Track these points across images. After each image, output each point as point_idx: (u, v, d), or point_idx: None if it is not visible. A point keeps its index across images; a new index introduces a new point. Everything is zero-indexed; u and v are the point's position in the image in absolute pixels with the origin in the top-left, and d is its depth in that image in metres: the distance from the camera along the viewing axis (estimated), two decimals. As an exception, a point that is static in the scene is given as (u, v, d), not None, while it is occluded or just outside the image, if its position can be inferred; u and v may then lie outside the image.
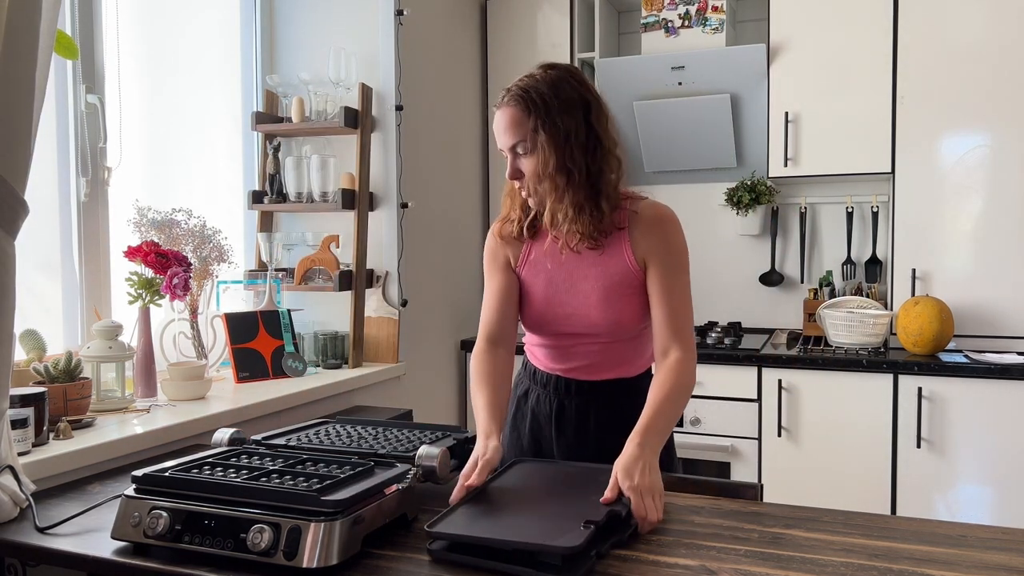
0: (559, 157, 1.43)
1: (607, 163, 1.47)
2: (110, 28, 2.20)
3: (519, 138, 1.44)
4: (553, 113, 1.42)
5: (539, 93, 1.43)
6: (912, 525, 1.24)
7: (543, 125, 1.42)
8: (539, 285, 1.57)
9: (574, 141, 1.43)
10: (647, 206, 1.53)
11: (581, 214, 1.46)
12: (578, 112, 1.45)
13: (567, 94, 1.45)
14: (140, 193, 2.27)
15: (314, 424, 1.62)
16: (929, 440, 2.63)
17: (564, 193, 1.45)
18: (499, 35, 3.40)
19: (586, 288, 1.52)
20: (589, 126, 1.46)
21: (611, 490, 1.24)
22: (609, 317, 1.52)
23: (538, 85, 1.45)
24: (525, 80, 1.47)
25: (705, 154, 3.32)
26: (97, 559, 1.17)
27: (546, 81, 1.45)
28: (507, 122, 1.45)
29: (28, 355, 1.84)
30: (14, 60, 1.29)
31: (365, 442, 1.44)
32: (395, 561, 1.12)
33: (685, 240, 1.53)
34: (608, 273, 1.51)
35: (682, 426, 2.90)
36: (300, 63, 2.81)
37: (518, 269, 1.60)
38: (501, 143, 1.48)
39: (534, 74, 1.48)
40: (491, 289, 1.61)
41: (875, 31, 2.87)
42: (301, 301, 2.75)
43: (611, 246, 1.51)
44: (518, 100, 1.44)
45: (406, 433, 1.53)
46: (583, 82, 1.48)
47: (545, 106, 1.42)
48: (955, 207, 2.80)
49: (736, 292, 3.46)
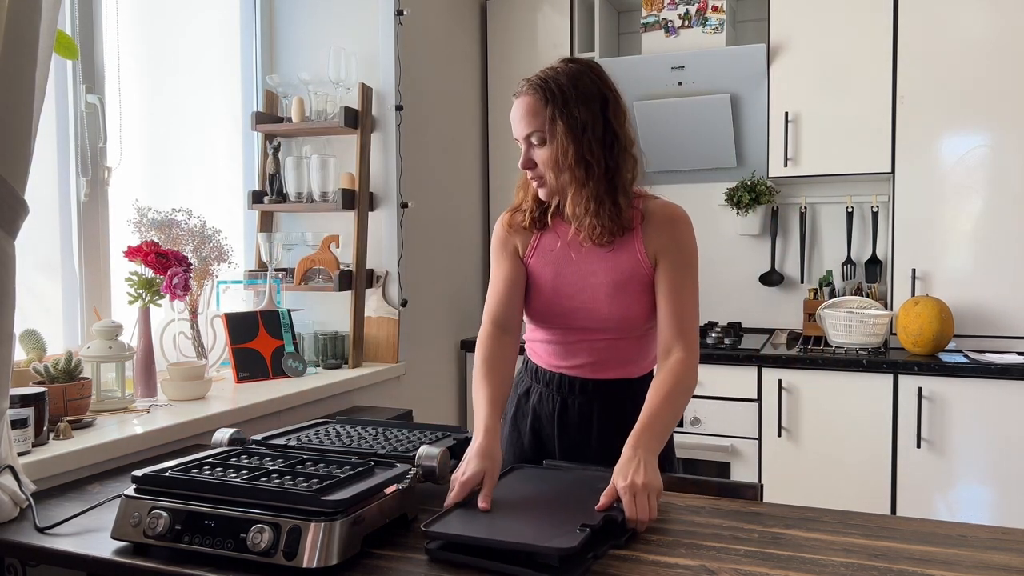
0: (577, 148, 1.43)
1: (624, 160, 1.48)
2: (110, 28, 2.20)
3: (535, 127, 1.45)
4: (571, 104, 1.43)
5: (558, 84, 1.44)
6: (912, 525, 1.24)
7: (561, 115, 1.42)
8: (547, 276, 1.56)
9: (591, 134, 1.43)
10: (660, 205, 1.53)
11: (601, 207, 1.46)
12: (595, 105, 1.45)
13: (586, 87, 1.45)
14: (140, 193, 2.26)
15: (314, 424, 1.62)
16: (929, 440, 2.63)
17: (583, 185, 1.45)
18: (499, 35, 3.40)
19: (595, 282, 1.52)
20: (607, 121, 1.46)
21: (606, 495, 1.24)
22: (617, 312, 1.51)
23: (558, 76, 1.45)
24: (545, 71, 1.47)
25: (705, 154, 3.32)
26: (97, 559, 1.17)
27: (566, 73, 1.46)
28: (524, 110, 1.45)
29: (28, 355, 1.84)
30: (14, 60, 1.29)
31: (365, 442, 1.44)
32: (395, 561, 1.12)
33: (696, 241, 1.53)
34: (619, 268, 1.51)
35: (682, 426, 2.90)
36: (300, 63, 2.81)
37: (526, 258, 1.59)
38: (517, 131, 1.48)
39: (555, 66, 1.48)
40: (498, 276, 1.60)
41: (875, 31, 2.87)
42: (301, 301, 2.75)
43: (622, 242, 1.50)
44: (537, 89, 1.44)
45: (406, 433, 1.53)
46: (603, 77, 1.49)
47: (563, 96, 1.43)
48: (955, 207, 2.80)
49: (736, 292, 3.46)
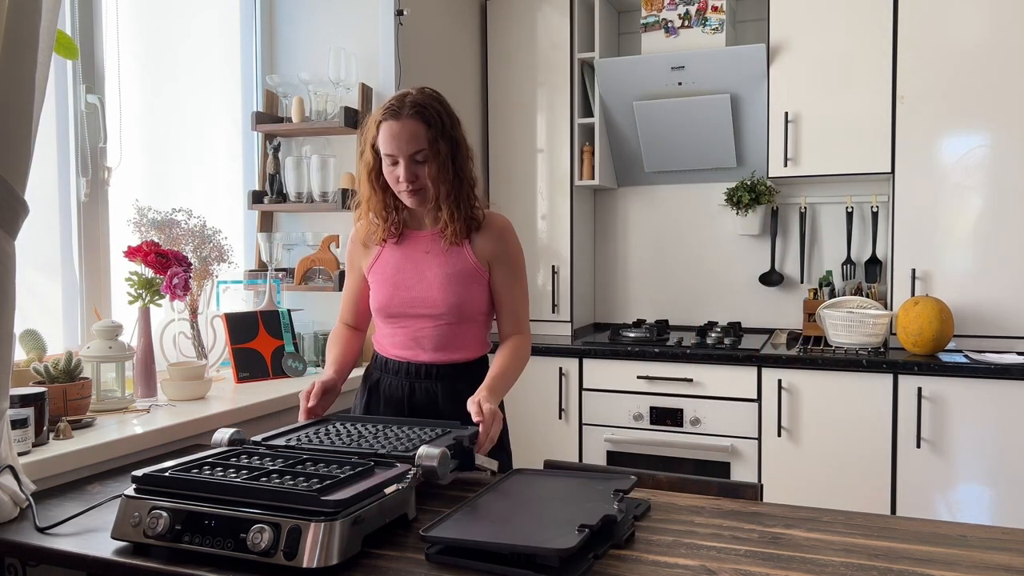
0: (455, 165, 1.69)
1: (475, 173, 1.77)
2: (110, 28, 2.20)
3: (420, 147, 1.65)
4: (447, 127, 1.68)
5: (435, 109, 1.67)
6: (912, 525, 1.24)
7: (442, 136, 1.66)
8: (387, 274, 1.80)
9: (463, 152, 1.72)
10: (490, 215, 1.80)
11: (464, 212, 1.73)
12: (459, 127, 1.73)
13: (451, 112, 1.72)
14: (140, 193, 2.27)
15: (314, 424, 1.62)
16: (929, 440, 2.63)
17: (456, 195, 1.71)
18: (499, 35, 3.40)
19: (430, 275, 1.76)
20: (465, 140, 1.74)
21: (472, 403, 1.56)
22: (450, 299, 1.74)
23: (430, 102, 1.68)
24: (413, 96, 1.67)
25: (705, 154, 3.32)
26: (97, 559, 1.17)
27: (434, 99, 1.69)
28: (410, 133, 1.65)
29: (28, 355, 1.84)
30: (14, 60, 1.29)
31: (365, 442, 1.44)
32: (395, 561, 1.12)
33: (519, 243, 1.82)
34: (450, 263, 1.76)
35: (682, 426, 2.91)
36: (300, 63, 2.81)
37: (368, 273, 1.83)
38: (398, 150, 1.65)
39: (415, 94, 1.68)
40: (348, 287, 1.91)
41: (875, 31, 2.87)
42: (301, 301, 2.75)
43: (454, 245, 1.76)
44: (418, 114, 1.65)
45: (406, 431, 1.53)
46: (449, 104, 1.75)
47: (441, 121, 1.67)
48: (955, 207, 2.80)
49: (736, 292, 3.46)
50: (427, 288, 1.75)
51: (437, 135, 1.65)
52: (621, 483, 1.34)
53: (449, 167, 1.68)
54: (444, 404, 1.78)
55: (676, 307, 3.56)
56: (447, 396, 1.78)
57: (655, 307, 3.60)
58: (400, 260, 1.79)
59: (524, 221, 3.39)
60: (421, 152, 1.65)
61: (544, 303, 3.37)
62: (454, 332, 1.77)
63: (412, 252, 1.78)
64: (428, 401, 1.79)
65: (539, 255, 3.38)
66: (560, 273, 3.35)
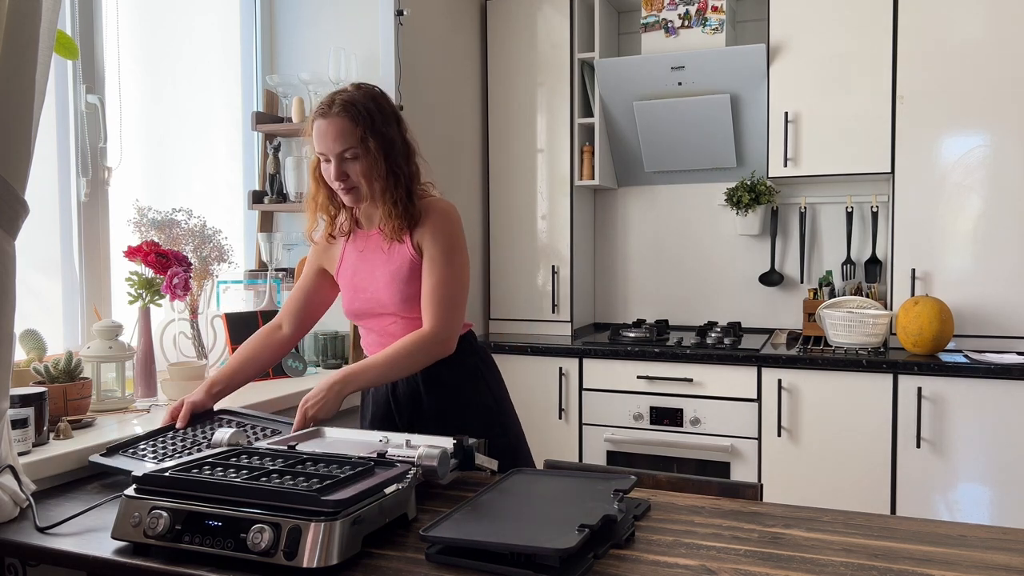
0: (387, 161, 1.67)
1: (417, 167, 1.75)
2: (110, 28, 2.20)
3: (349, 145, 1.64)
4: (378, 124, 1.66)
5: (365, 107, 1.65)
6: (912, 525, 1.24)
7: (372, 134, 1.65)
8: (348, 277, 1.81)
9: (397, 149, 1.69)
10: (427, 202, 1.76)
11: (404, 208, 1.70)
12: (394, 123, 1.70)
13: (385, 108, 1.69)
14: (140, 193, 2.27)
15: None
16: (929, 440, 2.63)
17: (392, 193, 1.69)
18: (499, 35, 3.40)
19: (378, 274, 1.76)
20: (403, 136, 1.72)
21: None
22: (395, 297, 1.73)
23: (361, 99, 1.66)
24: (345, 95, 1.66)
25: (705, 154, 3.33)
26: (97, 559, 1.17)
27: (367, 95, 1.68)
28: (337, 131, 1.64)
29: (28, 355, 1.84)
30: (14, 60, 1.29)
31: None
32: (395, 561, 1.12)
33: (456, 227, 1.75)
34: (393, 260, 1.75)
35: (682, 426, 2.91)
36: (300, 63, 2.81)
37: (337, 277, 1.83)
38: (329, 149, 1.65)
39: (349, 90, 1.68)
40: (298, 285, 1.90)
41: (875, 31, 2.87)
42: (301, 301, 2.74)
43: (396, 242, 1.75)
44: (346, 111, 1.64)
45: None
46: (389, 99, 1.74)
47: (371, 117, 1.65)
48: (955, 207, 2.80)
49: (736, 292, 3.46)
50: (376, 288, 1.76)
51: (367, 132, 1.64)
52: (621, 483, 1.34)
53: (381, 164, 1.66)
54: (427, 394, 1.79)
55: (676, 307, 3.57)
56: (428, 385, 1.79)
57: (655, 307, 3.60)
58: (357, 261, 1.80)
59: (524, 221, 3.39)
60: (350, 150, 1.65)
61: (544, 303, 3.37)
62: (417, 325, 1.74)
63: (367, 252, 1.79)
64: (410, 392, 1.80)
65: (539, 255, 3.38)
66: (560, 273, 3.35)
